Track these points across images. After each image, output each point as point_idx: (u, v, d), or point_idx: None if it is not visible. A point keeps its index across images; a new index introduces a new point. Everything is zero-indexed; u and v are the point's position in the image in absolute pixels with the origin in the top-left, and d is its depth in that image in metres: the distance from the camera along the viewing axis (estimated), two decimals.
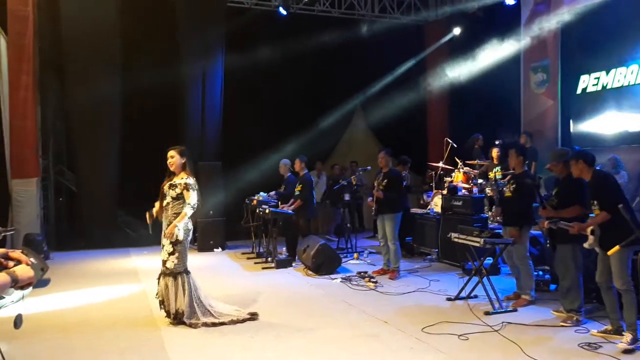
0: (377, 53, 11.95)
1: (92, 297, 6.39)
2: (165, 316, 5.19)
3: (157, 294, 5.27)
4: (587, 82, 9.54)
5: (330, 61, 11.68)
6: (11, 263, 1.92)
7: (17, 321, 1.99)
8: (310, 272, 7.49)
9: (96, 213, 10.17)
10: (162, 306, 5.20)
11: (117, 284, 7.04)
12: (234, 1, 11.15)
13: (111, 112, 10.21)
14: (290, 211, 8.27)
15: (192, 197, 5.07)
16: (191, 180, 5.14)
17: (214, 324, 5.03)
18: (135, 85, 9.72)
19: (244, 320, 5.17)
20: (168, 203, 5.12)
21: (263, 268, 8.02)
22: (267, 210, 8.05)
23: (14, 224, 9.12)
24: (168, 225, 5.10)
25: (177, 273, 5.10)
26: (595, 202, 4.54)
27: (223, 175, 10.12)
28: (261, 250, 8.94)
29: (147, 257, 8.87)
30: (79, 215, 10.38)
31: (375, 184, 7.29)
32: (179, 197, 5.09)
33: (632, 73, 8.68)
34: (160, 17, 10.51)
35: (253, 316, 5.29)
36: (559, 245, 5.06)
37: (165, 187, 5.17)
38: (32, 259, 2.04)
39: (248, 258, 8.91)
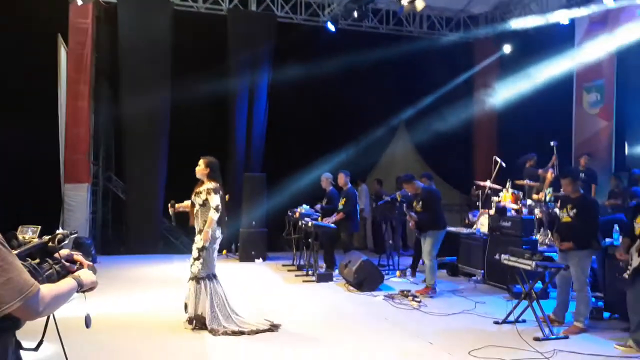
0: (425, 70, 11.85)
1: (138, 301, 6.51)
2: (187, 322, 5.21)
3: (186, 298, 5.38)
4: None
5: (377, 77, 11.64)
6: (74, 267, 1.96)
7: (87, 321, 2.10)
8: (351, 288, 7.39)
9: (142, 219, 10.38)
10: (186, 310, 5.27)
11: (161, 289, 7.13)
12: (284, 17, 11.32)
13: (160, 123, 10.46)
14: (332, 225, 8.22)
15: (214, 200, 5.14)
16: (213, 185, 5.22)
17: (234, 333, 5.03)
18: (184, 96, 9.93)
19: (264, 331, 5.16)
20: (197, 210, 5.25)
21: (304, 281, 7.99)
22: (309, 223, 8.03)
23: (65, 228, 9.44)
24: (199, 231, 5.23)
25: (200, 278, 5.18)
26: None
27: (267, 186, 10.20)
28: (302, 262, 8.92)
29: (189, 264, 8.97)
30: (125, 221, 10.64)
31: (411, 209, 7.27)
32: (205, 204, 5.19)
33: None
34: (212, 32, 10.79)
35: (274, 327, 5.26)
36: None
37: (193, 195, 5.31)
38: None
39: (289, 270, 8.89)
